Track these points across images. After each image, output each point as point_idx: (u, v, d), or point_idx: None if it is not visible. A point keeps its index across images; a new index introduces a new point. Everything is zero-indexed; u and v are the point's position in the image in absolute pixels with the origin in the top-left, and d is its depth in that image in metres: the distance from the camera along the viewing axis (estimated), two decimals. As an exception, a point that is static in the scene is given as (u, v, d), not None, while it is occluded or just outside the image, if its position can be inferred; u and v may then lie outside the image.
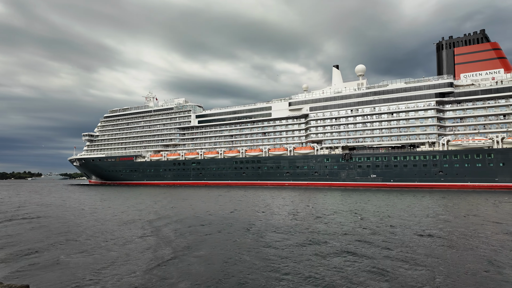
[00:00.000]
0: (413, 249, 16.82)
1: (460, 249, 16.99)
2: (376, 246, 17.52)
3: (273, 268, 13.98)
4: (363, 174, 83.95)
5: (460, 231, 21.88)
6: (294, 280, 12.38)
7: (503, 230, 22.20)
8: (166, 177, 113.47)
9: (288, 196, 54.58)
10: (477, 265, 14.11)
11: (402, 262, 14.52)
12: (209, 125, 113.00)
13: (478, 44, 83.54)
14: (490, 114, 74.63)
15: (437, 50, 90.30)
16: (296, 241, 19.21)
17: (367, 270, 13.51)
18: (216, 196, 56.20)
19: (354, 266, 14.10)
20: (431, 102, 79.04)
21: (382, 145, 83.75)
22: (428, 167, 76.29)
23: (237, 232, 22.35)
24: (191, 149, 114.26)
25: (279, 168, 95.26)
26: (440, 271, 13.25)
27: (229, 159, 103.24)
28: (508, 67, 79.75)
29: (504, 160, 69.17)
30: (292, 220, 27.15)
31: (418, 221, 26.18)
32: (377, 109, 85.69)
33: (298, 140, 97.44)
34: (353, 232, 21.65)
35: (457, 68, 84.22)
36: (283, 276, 12.89)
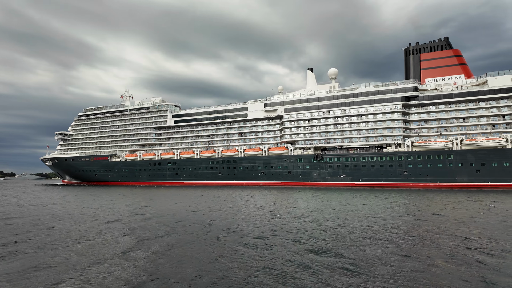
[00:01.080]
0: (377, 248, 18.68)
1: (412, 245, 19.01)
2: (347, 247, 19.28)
3: (242, 267, 15.37)
4: (334, 174, 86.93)
5: (410, 228, 24.08)
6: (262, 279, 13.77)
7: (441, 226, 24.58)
8: (141, 177, 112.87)
9: (260, 195, 56.25)
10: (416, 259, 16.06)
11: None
12: (185, 125, 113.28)
13: (442, 50, 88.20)
14: (451, 117, 79.17)
15: (405, 55, 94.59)
16: (258, 239, 20.71)
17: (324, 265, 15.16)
18: (189, 196, 57.09)
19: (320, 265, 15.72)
20: (397, 105, 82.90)
21: (351, 146, 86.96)
22: (393, 168, 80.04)
23: (201, 231, 23.62)
24: (167, 149, 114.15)
25: (254, 168, 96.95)
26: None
27: (205, 159, 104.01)
28: (468, 73, 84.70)
29: (462, 161, 73.66)
30: (250, 218, 28.68)
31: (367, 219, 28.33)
32: (347, 111, 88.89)
33: (273, 140, 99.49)
34: (317, 230, 23.40)
35: (423, 73, 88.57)
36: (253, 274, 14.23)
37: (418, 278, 13.14)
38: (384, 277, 13.29)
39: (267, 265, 15.11)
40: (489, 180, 70.93)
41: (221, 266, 14.98)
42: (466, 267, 14.49)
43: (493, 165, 71.06)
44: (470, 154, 73.03)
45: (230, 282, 12.87)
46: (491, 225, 24.70)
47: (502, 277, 13.22)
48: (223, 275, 13.70)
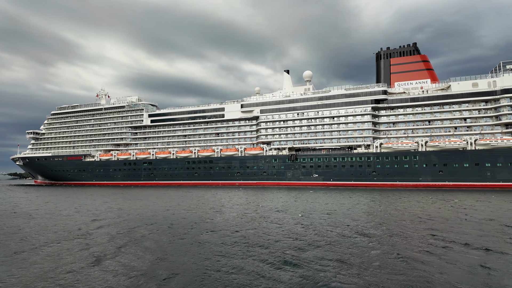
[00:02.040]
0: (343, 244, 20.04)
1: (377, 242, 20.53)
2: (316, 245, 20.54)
3: (211, 266, 16.30)
4: (307, 173, 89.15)
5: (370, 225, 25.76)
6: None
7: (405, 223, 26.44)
8: (116, 177, 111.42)
9: (234, 195, 57.29)
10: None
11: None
12: (162, 124, 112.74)
13: (411, 56, 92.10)
14: (417, 120, 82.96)
15: (376, 59, 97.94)
16: (229, 237, 21.71)
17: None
18: (162, 196, 57.38)
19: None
20: (367, 108, 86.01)
21: (324, 147, 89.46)
22: (363, 168, 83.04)
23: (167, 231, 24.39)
24: (143, 148, 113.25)
25: (231, 168, 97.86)
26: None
27: (181, 159, 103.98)
28: (434, 78, 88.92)
29: (426, 162, 77.46)
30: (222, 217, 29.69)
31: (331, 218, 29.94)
32: (321, 113, 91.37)
33: (249, 141, 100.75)
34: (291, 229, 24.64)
35: (392, 77, 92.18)
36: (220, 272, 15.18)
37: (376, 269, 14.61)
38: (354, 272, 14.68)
39: (237, 264, 16.21)
40: (450, 180, 74.97)
41: (187, 266, 15.95)
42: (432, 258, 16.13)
43: (454, 166, 75.15)
44: (433, 155, 76.91)
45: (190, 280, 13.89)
46: (454, 222, 26.82)
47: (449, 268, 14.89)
48: (183, 274, 14.70)
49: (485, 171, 72.67)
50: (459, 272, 14.40)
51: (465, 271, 14.52)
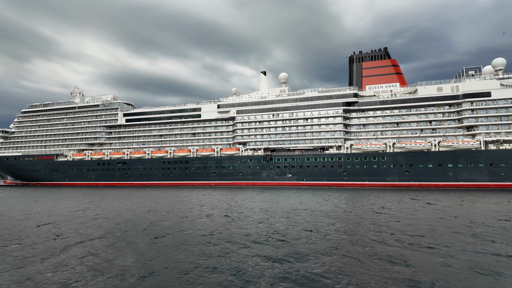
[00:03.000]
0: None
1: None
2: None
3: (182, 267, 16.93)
4: (281, 173, 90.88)
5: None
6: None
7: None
8: (89, 177, 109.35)
9: (207, 195, 57.91)
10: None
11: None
12: (137, 124, 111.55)
13: (381, 60, 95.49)
14: (386, 122, 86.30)
15: (349, 63, 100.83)
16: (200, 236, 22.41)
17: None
18: (133, 196, 57.23)
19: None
20: (339, 110, 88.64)
21: (298, 147, 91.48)
22: (334, 168, 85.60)
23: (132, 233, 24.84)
24: (117, 148, 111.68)
25: (206, 168, 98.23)
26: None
27: (156, 159, 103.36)
28: (403, 82, 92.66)
29: (393, 163, 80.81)
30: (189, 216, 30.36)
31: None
32: (295, 114, 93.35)
33: (226, 141, 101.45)
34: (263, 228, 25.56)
35: (364, 80, 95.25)
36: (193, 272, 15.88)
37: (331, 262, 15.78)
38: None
39: (209, 263, 17.03)
40: (416, 180, 78.57)
41: (151, 267, 16.65)
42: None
43: (419, 167, 78.80)
44: (400, 156, 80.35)
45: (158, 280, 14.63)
46: (422, 220, 28.63)
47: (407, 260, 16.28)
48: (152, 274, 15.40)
49: (448, 171, 76.66)
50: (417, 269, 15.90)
51: (424, 268, 16.05)
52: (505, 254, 17.69)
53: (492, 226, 25.79)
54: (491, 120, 77.28)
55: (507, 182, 72.42)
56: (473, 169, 75.04)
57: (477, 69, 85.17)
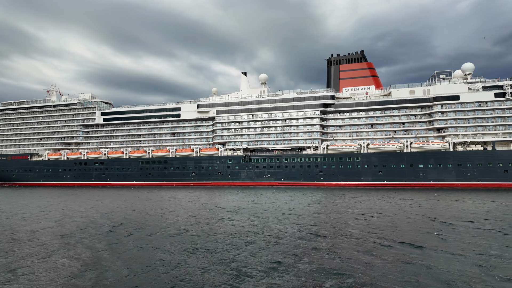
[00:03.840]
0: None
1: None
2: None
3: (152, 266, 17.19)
4: (260, 173, 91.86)
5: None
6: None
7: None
8: (65, 177, 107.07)
9: (185, 195, 58.05)
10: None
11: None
12: (115, 123, 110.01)
13: (358, 63, 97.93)
14: (361, 124, 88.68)
15: (327, 65, 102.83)
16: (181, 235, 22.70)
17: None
18: (109, 196, 56.73)
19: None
20: (316, 111, 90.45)
21: (276, 148, 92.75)
22: (311, 168, 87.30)
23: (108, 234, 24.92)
24: (94, 148, 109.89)
25: (185, 168, 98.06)
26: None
27: (134, 159, 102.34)
28: (378, 84, 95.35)
29: (367, 163, 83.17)
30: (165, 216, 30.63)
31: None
32: (274, 115, 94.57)
33: (206, 141, 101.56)
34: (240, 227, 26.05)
35: (341, 82, 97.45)
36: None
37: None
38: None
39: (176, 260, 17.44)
40: (388, 180, 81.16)
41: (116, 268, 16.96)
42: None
43: (392, 167, 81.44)
44: (374, 156, 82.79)
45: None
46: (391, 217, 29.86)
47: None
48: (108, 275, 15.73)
49: (419, 171, 79.59)
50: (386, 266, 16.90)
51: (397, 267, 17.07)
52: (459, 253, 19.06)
53: (450, 225, 27.43)
54: (460, 123, 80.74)
55: (473, 182, 75.89)
56: (442, 169, 78.22)
57: (448, 73, 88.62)
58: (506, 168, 74.70)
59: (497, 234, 23.16)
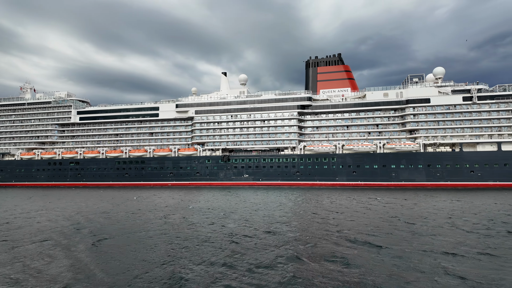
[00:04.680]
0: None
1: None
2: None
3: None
4: (238, 174, 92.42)
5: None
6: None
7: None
8: (39, 178, 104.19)
9: (161, 196, 57.83)
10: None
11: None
12: (92, 122, 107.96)
13: (335, 65, 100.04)
14: (337, 125, 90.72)
15: (306, 67, 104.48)
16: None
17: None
18: (79, 197, 55.84)
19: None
20: (294, 112, 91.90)
21: (255, 148, 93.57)
22: (288, 168, 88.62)
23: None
24: (70, 147, 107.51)
25: (163, 168, 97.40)
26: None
27: (111, 159, 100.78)
28: (354, 87, 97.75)
29: (342, 163, 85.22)
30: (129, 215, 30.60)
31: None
32: (252, 116, 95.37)
33: (184, 141, 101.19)
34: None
35: (319, 84, 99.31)
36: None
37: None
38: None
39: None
40: (362, 180, 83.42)
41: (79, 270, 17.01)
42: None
43: (366, 167, 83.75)
44: (349, 157, 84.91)
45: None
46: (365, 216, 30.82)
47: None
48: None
49: (391, 172, 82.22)
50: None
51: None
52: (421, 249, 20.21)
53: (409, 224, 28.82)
54: (430, 125, 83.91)
55: (441, 182, 79.09)
56: (413, 169, 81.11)
57: (421, 77, 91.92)
58: (472, 169, 78.26)
59: (459, 231, 24.65)
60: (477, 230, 24.66)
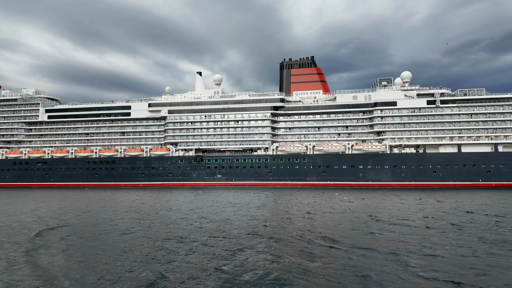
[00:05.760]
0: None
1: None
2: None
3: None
4: (211, 174, 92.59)
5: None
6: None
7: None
8: (3, 178, 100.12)
9: (128, 197, 57.10)
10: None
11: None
12: (61, 121, 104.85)
13: (308, 68, 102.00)
14: (309, 126, 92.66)
15: (280, 69, 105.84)
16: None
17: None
18: (44, 198, 54.32)
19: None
20: (267, 113, 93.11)
21: (228, 148, 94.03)
22: (261, 168, 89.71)
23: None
24: (37, 147, 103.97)
25: (135, 169, 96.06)
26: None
27: (81, 159, 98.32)
28: (326, 89, 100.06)
29: (313, 164, 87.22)
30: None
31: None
32: (226, 116, 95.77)
33: (157, 141, 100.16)
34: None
35: (292, 86, 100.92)
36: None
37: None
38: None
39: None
40: (331, 180, 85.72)
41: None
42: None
43: (335, 168, 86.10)
44: (319, 158, 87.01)
45: None
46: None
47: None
48: None
49: (359, 172, 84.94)
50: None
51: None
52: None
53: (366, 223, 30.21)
54: (396, 127, 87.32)
55: (406, 182, 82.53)
56: (379, 170, 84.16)
57: (389, 80, 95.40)
58: (435, 169, 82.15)
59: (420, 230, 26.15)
60: (437, 230, 26.31)
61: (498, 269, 15.99)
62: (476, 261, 17.22)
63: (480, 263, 16.86)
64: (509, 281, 14.43)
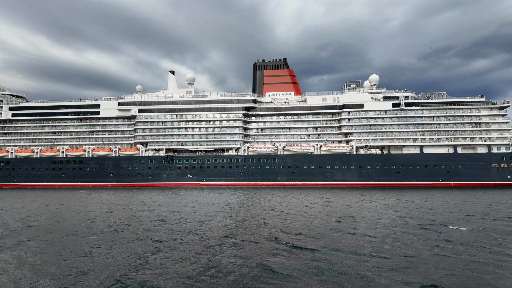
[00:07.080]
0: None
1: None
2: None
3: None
4: (182, 174, 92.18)
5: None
6: None
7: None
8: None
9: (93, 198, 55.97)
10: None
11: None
12: (26, 119, 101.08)
13: (281, 69, 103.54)
14: (280, 127, 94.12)
15: (253, 70, 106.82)
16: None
17: None
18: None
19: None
20: (239, 114, 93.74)
21: (199, 148, 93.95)
22: (232, 169, 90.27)
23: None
24: (0, 146, 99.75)
25: (103, 169, 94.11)
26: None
27: (46, 159, 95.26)
28: (298, 91, 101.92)
29: (283, 164, 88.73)
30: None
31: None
32: (198, 116, 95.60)
33: (127, 140, 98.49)
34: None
35: (265, 87, 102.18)
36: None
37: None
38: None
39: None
40: (301, 180, 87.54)
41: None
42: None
43: (304, 168, 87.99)
44: (289, 158, 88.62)
45: None
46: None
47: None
48: None
49: (326, 172, 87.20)
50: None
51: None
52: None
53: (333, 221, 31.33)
54: (363, 128, 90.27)
55: (371, 182, 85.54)
56: (346, 170, 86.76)
57: (358, 83, 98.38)
58: (398, 170, 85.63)
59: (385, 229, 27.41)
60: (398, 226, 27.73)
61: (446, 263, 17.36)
62: (427, 257, 18.57)
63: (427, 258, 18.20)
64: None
